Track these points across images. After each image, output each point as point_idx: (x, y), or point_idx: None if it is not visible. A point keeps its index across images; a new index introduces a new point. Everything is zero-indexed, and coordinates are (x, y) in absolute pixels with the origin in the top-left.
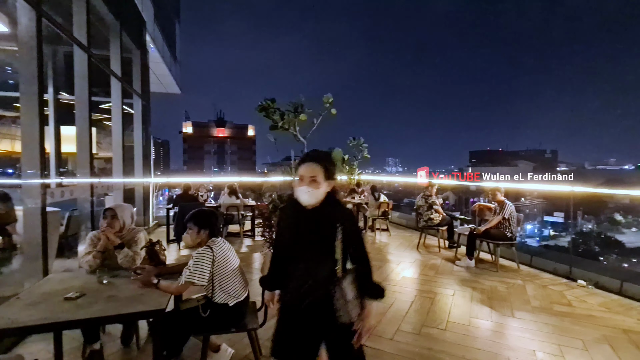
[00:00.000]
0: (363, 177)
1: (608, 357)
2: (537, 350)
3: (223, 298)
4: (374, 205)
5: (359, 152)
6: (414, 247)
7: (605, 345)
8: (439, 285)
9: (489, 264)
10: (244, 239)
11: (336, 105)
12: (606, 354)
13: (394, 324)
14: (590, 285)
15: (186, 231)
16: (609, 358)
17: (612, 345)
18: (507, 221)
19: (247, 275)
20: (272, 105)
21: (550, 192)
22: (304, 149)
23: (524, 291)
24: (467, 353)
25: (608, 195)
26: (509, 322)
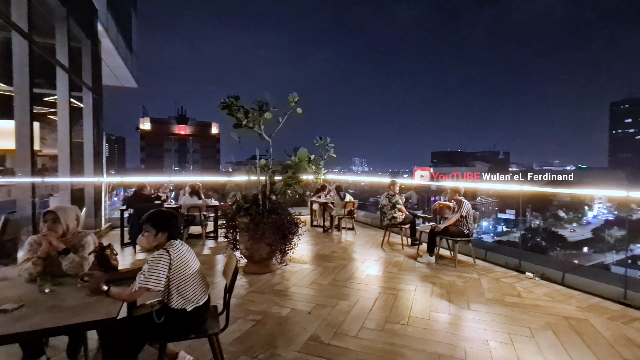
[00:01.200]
0: (329, 177)
1: (551, 342)
2: (490, 340)
3: (181, 303)
4: (339, 204)
5: (326, 151)
6: (379, 245)
7: (549, 332)
8: (402, 282)
9: (448, 260)
10: (207, 240)
11: (303, 104)
12: (550, 339)
13: (358, 321)
14: (537, 277)
15: (142, 233)
16: (552, 343)
17: (555, 331)
18: (464, 219)
19: (209, 278)
20: (235, 102)
21: (503, 191)
22: (269, 147)
23: (479, 284)
24: (427, 346)
25: (552, 193)
26: (466, 315)
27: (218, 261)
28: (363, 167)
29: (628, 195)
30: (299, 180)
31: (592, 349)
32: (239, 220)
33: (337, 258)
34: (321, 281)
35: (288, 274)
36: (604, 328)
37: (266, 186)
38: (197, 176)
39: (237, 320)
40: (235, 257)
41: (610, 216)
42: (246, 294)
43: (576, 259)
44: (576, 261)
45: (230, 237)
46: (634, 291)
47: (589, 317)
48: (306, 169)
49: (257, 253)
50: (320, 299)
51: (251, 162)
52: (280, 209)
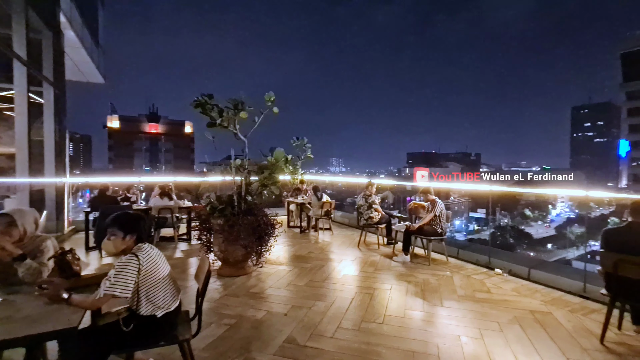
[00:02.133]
0: (306, 177)
1: (518, 335)
2: (462, 335)
3: (150, 309)
4: (317, 205)
5: (303, 152)
6: (355, 245)
7: (516, 326)
8: (378, 281)
9: (422, 258)
10: (179, 243)
11: (280, 104)
12: (517, 332)
13: (334, 321)
14: (505, 273)
15: (107, 237)
16: (518, 336)
17: (521, 325)
18: (437, 218)
19: (181, 282)
20: (209, 101)
21: (475, 191)
22: (245, 147)
23: (452, 282)
24: (402, 344)
25: (519, 193)
26: (439, 311)
27: (191, 264)
28: (340, 167)
29: (587, 194)
30: (276, 181)
31: (555, 340)
32: (213, 221)
33: (314, 259)
34: (298, 282)
35: (264, 276)
36: (565, 320)
37: (242, 187)
38: (169, 176)
39: (211, 324)
40: (209, 260)
41: (572, 214)
42: (220, 298)
43: (541, 255)
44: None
45: (203, 239)
46: (592, 285)
47: (552, 310)
48: (283, 169)
49: (232, 255)
50: (296, 301)
51: (226, 162)
52: (256, 209)
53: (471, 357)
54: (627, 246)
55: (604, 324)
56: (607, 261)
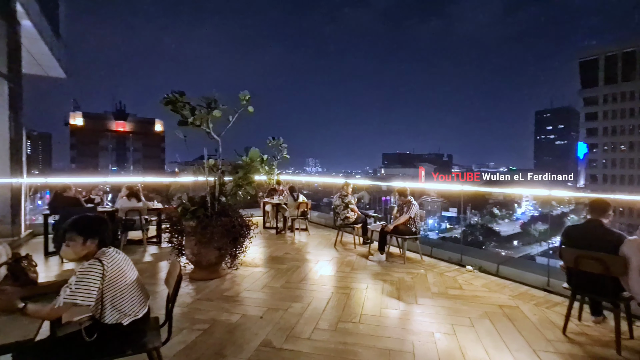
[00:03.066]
0: (283, 178)
1: (488, 329)
2: (435, 332)
3: (116, 317)
4: (293, 205)
5: (279, 152)
6: (332, 245)
7: (486, 320)
8: (354, 281)
9: (397, 257)
10: (148, 246)
11: (255, 104)
12: (487, 327)
13: (311, 323)
14: (476, 270)
15: (65, 243)
16: (488, 330)
17: (491, 319)
18: (412, 218)
19: (151, 287)
20: (180, 98)
21: (447, 190)
22: (218, 147)
23: (426, 279)
24: (377, 342)
25: (488, 192)
26: (414, 309)
27: (161, 268)
28: (317, 167)
29: (550, 194)
30: (251, 181)
31: (522, 333)
32: (185, 223)
33: (291, 260)
34: (274, 284)
35: (239, 279)
36: (531, 313)
37: (215, 187)
38: (138, 177)
39: (182, 330)
40: (179, 264)
41: (536, 212)
42: (193, 302)
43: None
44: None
45: (174, 242)
46: (555, 279)
47: (519, 305)
48: (258, 169)
49: (205, 258)
50: (272, 303)
51: (199, 162)
52: (230, 210)
53: (444, 353)
54: (586, 242)
55: (565, 316)
56: (568, 257)
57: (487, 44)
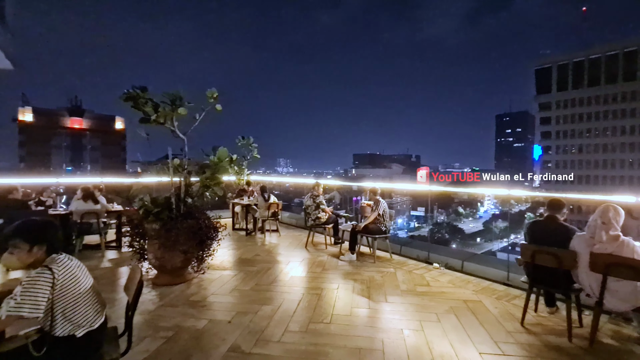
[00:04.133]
0: (253, 178)
1: (454, 324)
2: (405, 329)
3: (68, 329)
4: (263, 206)
5: (249, 151)
6: (303, 246)
7: (452, 315)
8: (325, 281)
9: (368, 256)
10: (107, 251)
11: (225, 103)
12: (452, 322)
13: (281, 325)
14: (442, 267)
15: (9, 250)
16: (454, 325)
17: (456, 314)
18: (381, 217)
19: (110, 294)
20: (142, 94)
21: (415, 190)
22: (184, 146)
23: (395, 278)
24: (348, 342)
25: (453, 192)
26: (383, 307)
27: (121, 274)
28: (288, 168)
29: (509, 193)
30: (219, 182)
31: (485, 326)
32: (148, 226)
33: (261, 261)
34: (243, 287)
35: (206, 283)
36: (492, 307)
37: (181, 188)
38: (95, 177)
39: (144, 339)
40: (140, 269)
41: (497, 211)
42: (156, 309)
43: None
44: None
45: (136, 246)
46: (514, 273)
47: (482, 299)
48: (227, 169)
49: (169, 262)
50: (241, 306)
51: (163, 162)
52: (197, 212)
53: (413, 349)
54: (544, 237)
55: (523, 308)
56: (526, 252)
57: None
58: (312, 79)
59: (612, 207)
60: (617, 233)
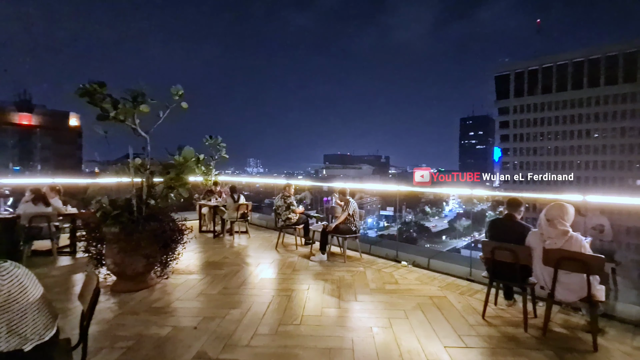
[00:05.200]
0: (221, 178)
1: (420, 320)
2: (374, 326)
3: (14, 343)
4: (232, 207)
5: (217, 151)
6: (273, 247)
7: (419, 311)
8: (296, 282)
9: (338, 256)
10: (59, 257)
11: (193, 101)
12: (419, 317)
13: (250, 328)
14: (410, 264)
15: None
16: (421, 320)
17: (423, 310)
18: (352, 217)
19: (63, 304)
20: (99, 90)
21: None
22: (146, 145)
23: (365, 276)
24: (319, 342)
25: (421, 192)
26: (353, 306)
27: (75, 282)
28: (258, 168)
29: (472, 192)
30: (185, 182)
31: (449, 320)
32: (106, 230)
33: (229, 264)
34: (210, 291)
35: (170, 288)
36: (456, 302)
37: (142, 189)
38: (47, 177)
39: (101, 350)
40: (97, 275)
41: (461, 209)
42: (115, 317)
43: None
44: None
45: (92, 251)
46: (476, 269)
47: (446, 294)
48: (194, 169)
49: (130, 267)
50: (208, 311)
51: (123, 162)
52: (160, 214)
53: (382, 346)
54: (503, 234)
55: (484, 302)
56: (486, 248)
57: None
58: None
59: (559, 205)
60: (566, 229)
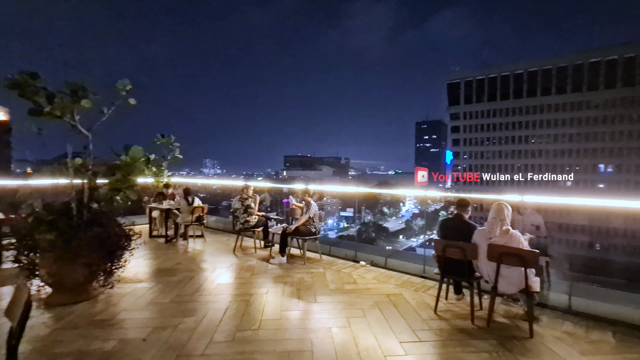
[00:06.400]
0: (175, 180)
1: (378, 317)
2: (333, 327)
3: None
4: (186, 210)
5: (169, 151)
6: (231, 251)
7: (376, 309)
8: (254, 286)
9: (298, 258)
10: None
11: (143, 98)
12: (377, 315)
13: (206, 336)
14: (368, 264)
15: None
16: (378, 318)
17: (380, 308)
18: (312, 219)
19: None
20: (31, 82)
21: (344, 192)
22: (88, 144)
23: (325, 278)
24: (277, 346)
25: (379, 193)
26: (313, 307)
27: (3, 296)
28: (215, 169)
29: (426, 194)
30: (132, 184)
31: (404, 317)
32: (39, 237)
33: (183, 270)
34: (161, 300)
35: (116, 298)
36: (411, 298)
37: (84, 192)
38: None
39: None
40: (28, 287)
41: (416, 210)
42: (50, 333)
43: (395, 245)
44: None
45: (24, 260)
46: (429, 266)
47: (402, 292)
48: (143, 170)
49: (68, 278)
50: (159, 321)
51: (61, 161)
52: (105, 219)
53: (340, 346)
54: (453, 232)
55: (436, 297)
56: (438, 246)
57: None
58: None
59: (504, 205)
60: (508, 227)
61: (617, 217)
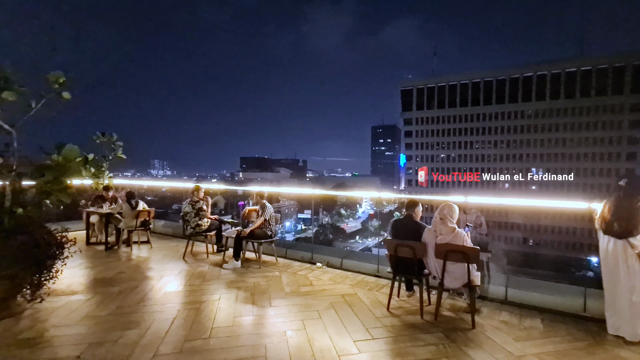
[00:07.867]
0: (118, 182)
1: (333, 318)
2: (287, 330)
3: None
4: (130, 214)
5: (111, 151)
6: (180, 257)
7: (331, 310)
8: (206, 293)
9: (253, 262)
10: None
11: (81, 92)
12: (332, 316)
13: (149, 350)
14: (324, 266)
15: None
16: (333, 319)
17: (335, 308)
18: (267, 222)
19: None
20: None
21: (301, 194)
22: (11, 141)
23: (280, 281)
24: (229, 354)
25: (336, 195)
26: (268, 312)
27: None
28: (165, 170)
29: (380, 195)
30: (65, 186)
31: (358, 316)
32: None
33: (125, 279)
34: (99, 312)
35: (45, 314)
36: (365, 297)
37: (5, 195)
38: None
39: None
40: None
41: (372, 211)
42: None
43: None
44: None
45: None
46: (382, 266)
47: (357, 292)
48: (79, 171)
49: None
50: (95, 336)
51: None
52: (31, 225)
53: (295, 349)
54: (403, 232)
55: (389, 295)
56: (390, 246)
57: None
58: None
59: (448, 205)
60: (453, 226)
61: (546, 216)
